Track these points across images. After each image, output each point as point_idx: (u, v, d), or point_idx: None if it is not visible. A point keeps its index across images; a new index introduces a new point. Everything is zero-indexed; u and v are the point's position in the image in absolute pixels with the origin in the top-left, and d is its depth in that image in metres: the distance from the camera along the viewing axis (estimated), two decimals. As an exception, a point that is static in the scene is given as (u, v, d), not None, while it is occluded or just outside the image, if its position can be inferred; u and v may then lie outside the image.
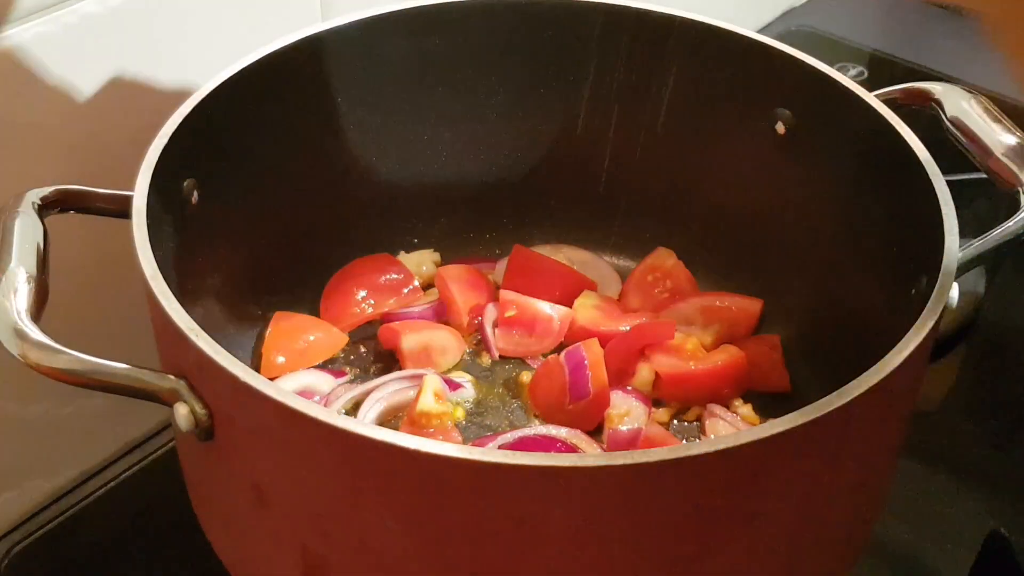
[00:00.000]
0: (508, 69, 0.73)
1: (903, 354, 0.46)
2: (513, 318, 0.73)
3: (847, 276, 0.66)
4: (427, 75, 0.72)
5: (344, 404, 0.67)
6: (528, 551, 0.45)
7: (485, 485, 0.43)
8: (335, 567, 0.49)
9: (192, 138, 0.59)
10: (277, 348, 0.70)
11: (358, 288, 0.74)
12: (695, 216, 0.76)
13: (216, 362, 0.45)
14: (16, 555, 0.68)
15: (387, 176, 0.76)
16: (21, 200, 0.54)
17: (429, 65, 0.72)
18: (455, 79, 0.73)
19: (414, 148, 0.75)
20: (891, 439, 0.53)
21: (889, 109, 0.61)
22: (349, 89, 0.70)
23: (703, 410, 0.69)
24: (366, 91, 0.71)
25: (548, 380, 0.68)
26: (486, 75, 0.73)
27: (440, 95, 0.73)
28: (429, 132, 0.75)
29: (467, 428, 0.68)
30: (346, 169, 0.73)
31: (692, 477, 0.43)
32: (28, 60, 0.60)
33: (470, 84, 0.73)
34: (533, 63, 0.73)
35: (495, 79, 0.74)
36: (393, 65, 0.71)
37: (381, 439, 0.42)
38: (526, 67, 0.73)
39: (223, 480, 0.52)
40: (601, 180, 0.77)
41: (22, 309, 0.48)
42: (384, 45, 0.70)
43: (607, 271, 0.78)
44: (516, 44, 0.72)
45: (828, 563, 0.54)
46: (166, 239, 0.54)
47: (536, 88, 0.74)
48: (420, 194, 0.77)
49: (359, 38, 0.68)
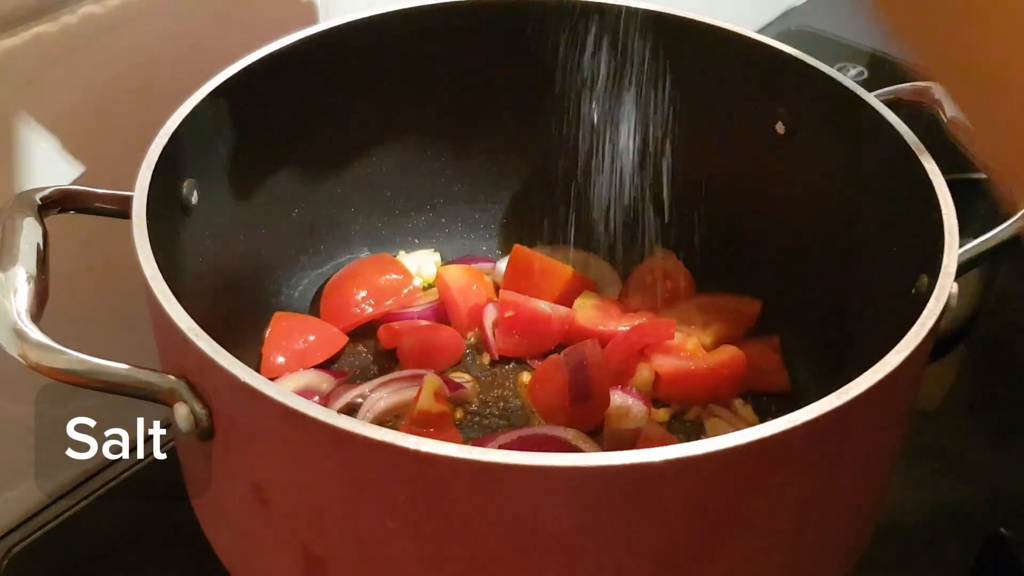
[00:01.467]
0: (508, 69, 0.73)
1: (903, 354, 0.46)
2: (513, 318, 0.73)
3: (847, 276, 0.66)
4: (427, 75, 0.72)
5: (344, 404, 0.67)
6: (528, 551, 0.45)
7: (485, 485, 0.43)
8: (335, 567, 0.49)
9: (192, 138, 0.59)
10: (277, 348, 0.70)
11: (358, 288, 0.74)
12: (695, 216, 0.76)
13: (216, 362, 0.45)
14: (16, 555, 0.68)
15: (387, 176, 0.76)
16: (21, 200, 0.54)
17: (429, 65, 0.72)
18: (455, 79, 0.73)
19: (414, 148, 0.75)
20: (891, 439, 0.53)
21: (889, 109, 0.61)
22: (349, 89, 0.70)
23: (703, 410, 0.69)
24: (366, 91, 0.71)
25: (548, 380, 0.68)
26: (486, 75, 0.73)
27: (440, 95, 0.73)
28: (429, 132, 0.75)
29: (467, 428, 0.68)
30: (346, 169, 0.73)
31: (692, 477, 0.43)
32: (28, 60, 0.60)
33: (470, 84, 0.73)
34: (533, 63, 0.73)
35: (495, 79, 0.74)
36: (393, 65, 0.71)
37: (381, 439, 0.42)
38: (526, 67, 0.73)
39: (223, 480, 0.52)
40: (601, 180, 0.77)
41: (22, 309, 0.48)
42: (384, 45, 0.70)
43: (607, 271, 0.78)
44: (516, 44, 0.72)
45: (828, 563, 0.54)
46: (166, 239, 0.54)
47: (536, 87, 0.74)
48: (420, 194, 0.77)
49: (359, 38, 0.68)
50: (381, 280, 0.75)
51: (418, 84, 0.72)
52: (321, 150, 0.71)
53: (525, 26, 0.72)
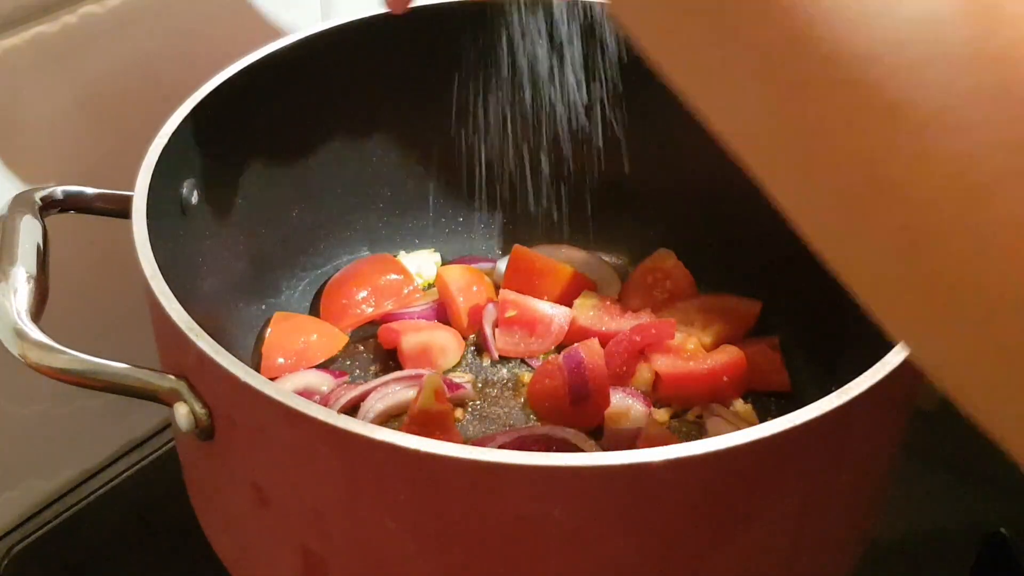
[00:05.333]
0: (507, 69, 0.73)
1: (903, 354, 0.46)
2: (513, 318, 0.73)
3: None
4: (427, 75, 0.72)
5: (344, 404, 0.67)
6: (528, 551, 0.45)
7: (485, 485, 0.43)
8: (335, 567, 0.49)
9: (192, 138, 0.59)
10: (277, 348, 0.70)
11: (358, 288, 0.74)
12: (695, 216, 0.76)
13: (216, 362, 0.45)
14: (16, 555, 0.68)
15: (387, 176, 0.76)
16: (21, 200, 0.54)
17: (429, 65, 0.72)
18: (455, 79, 0.73)
19: (414, 148, 0.75)
20: (891, 439, 0.53)
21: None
22: (349, 89, 0.70)
23: (703, 410, 0.69)
24: (366, 91, 0.71)
25: (548, 380, 0.68)
26: (485, 75, 0.73)
27: (440, 95, 0.73)
28: (429, 132, 0.75)
29: (467, 428, 0.68)
30: (346, 169, 0.73)
31: (692, 477, 0.43)
32: (28, 60, 0.60)
33: (469, 84, 0.73)
34: (533, 63, 0.73)
35: (494, 79, 0.74)
36: (393, 65, 0.71)
37: (381, 439, 0.42)
38: (526, 67, 0.73)
39: (223, 480, 0.52)
40: (601, 180, 0.77)
41: (22, 309, 0.49)
42: (384, 45, 0.70)
43: (607, 271, 0.78)
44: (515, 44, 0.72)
45: (828, 563, 0.54)
46: (166, 239, 0.54)
47: (536, 87, 0.74)
48: (420, 194, 0.77)
49: (359, 38, 0.68)
50: (381, 280, 0.75)
51: (418, 84, 0.72)
52: (321, 150, 0.71)
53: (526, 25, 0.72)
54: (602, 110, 0.74)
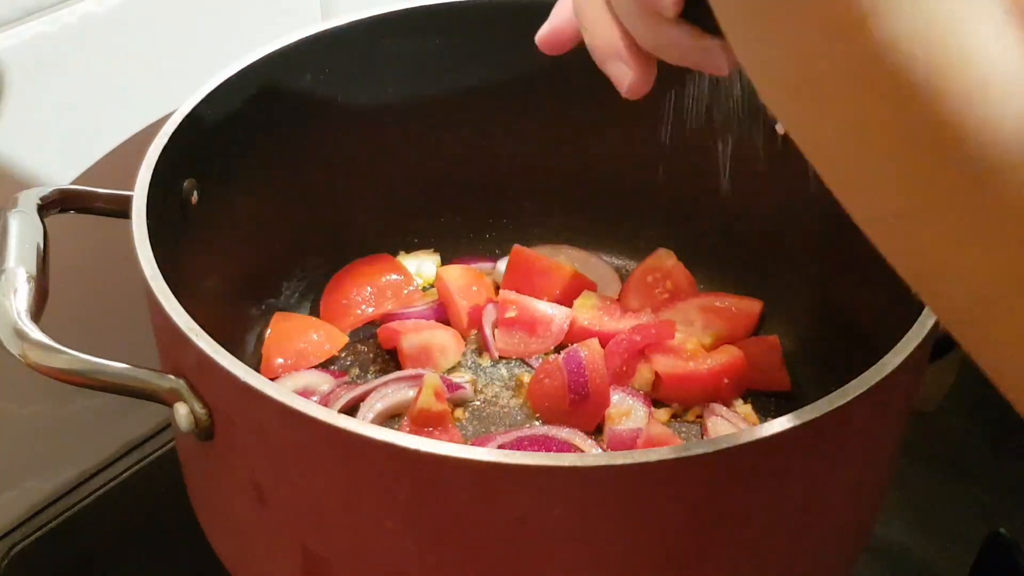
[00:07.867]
0: (508, 69, 0.73)
1: (903, 354, 0.46)
2: (513, 318, 0.73)
3: (847, 276, 0.66)
4: (427, 75, 0.72)
5: (344, 404, 0.67)
6: (528, 551, 0.45)
7: (485, 485, 0.43)
8: (335, 567, 0.49)
9: (192, 138, 0.59)
10: (277, 348, 0.70)
11: (358, 288, 0.74)
12: (695, 216, 0.76)
13: (216, 362, 0.45)
14: (16, 555, 0.68)
15: (387, 176, 0.76)
16: (21, 200, 0.54)
17: (429, 65, 0.72)
18: (455, 79, 0.73)
19: (414, 148, 0.75)
20: (891, 439, 0.53)
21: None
22: (349, 89, 0.70)
23: (703, 410, 0.69)
24: (366, 91, 0.71)
25: (548, 380, 0.68)
26: (486, 75, 0.73)
27: (440, 95, 0.73)
28: (429, 132, 0.75)
29: (467, 428, 0.68)
30: (346, 169, 0.73)
31: (692, 477, 0.43)
32: (28, 60, 0.60)
33: (470, 84, 0.73)
34: (533, 63, 0.73)
35: (495, 79, 0.74)
36: (393, 65, 0.71)
37: (381, 439, 0.42)
38: (526, 67, 0.73)
39: (223, 480, 0.52)
40: (601, 180, 0.77)
41: (22, 309, 0.49)
42: (384, 45, 0.70)
43: (607, 271, 0.78)
44: (515, 44, 0.72)
45: (828, 563, 0.54)
46: (166, 239, 0.54)
47: (536, 88, 0.74)
48: (420, 194, 0.77)
49: (359, 38, 0.68)
50: (381, 280, 0.75)
51: (418, 84, 0.72)
52: (320, 150, 0.71)
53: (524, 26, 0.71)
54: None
